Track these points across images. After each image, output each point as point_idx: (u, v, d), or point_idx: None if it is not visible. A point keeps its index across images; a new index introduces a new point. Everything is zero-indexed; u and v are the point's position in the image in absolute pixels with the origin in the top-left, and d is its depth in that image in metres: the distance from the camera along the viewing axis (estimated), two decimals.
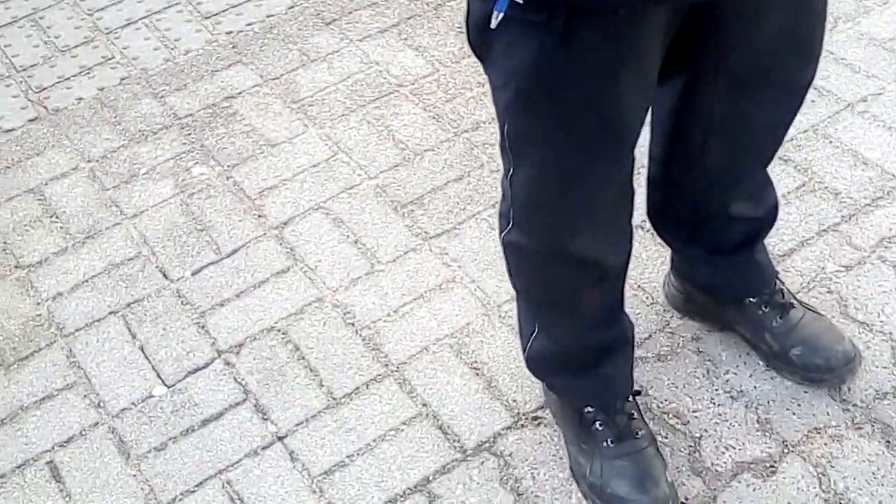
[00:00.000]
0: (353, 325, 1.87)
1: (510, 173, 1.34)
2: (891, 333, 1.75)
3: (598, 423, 1.54)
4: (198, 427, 1.73)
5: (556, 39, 1.15)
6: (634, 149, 1.34)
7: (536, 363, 1.59)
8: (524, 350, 1.58)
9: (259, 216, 2.11)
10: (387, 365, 1.80)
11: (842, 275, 1.86)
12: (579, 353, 1.53)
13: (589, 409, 1.54)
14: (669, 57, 1.28)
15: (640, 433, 1.54)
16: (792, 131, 1.60)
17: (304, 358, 1.82)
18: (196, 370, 1.83)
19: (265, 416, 1.74)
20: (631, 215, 1.43)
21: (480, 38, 1.23)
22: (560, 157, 1.27)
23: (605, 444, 1.53)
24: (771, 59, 1.34)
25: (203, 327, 1.90)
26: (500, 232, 1.45)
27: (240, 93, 2.44)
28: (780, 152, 1.58)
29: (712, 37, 1.30)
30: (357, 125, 2.32)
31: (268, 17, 2.70)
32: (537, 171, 1.30)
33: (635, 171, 1.38)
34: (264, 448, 1.69)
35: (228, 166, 2.24)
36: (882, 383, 1.67)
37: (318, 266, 1.99)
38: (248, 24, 2.68)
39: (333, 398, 1.75)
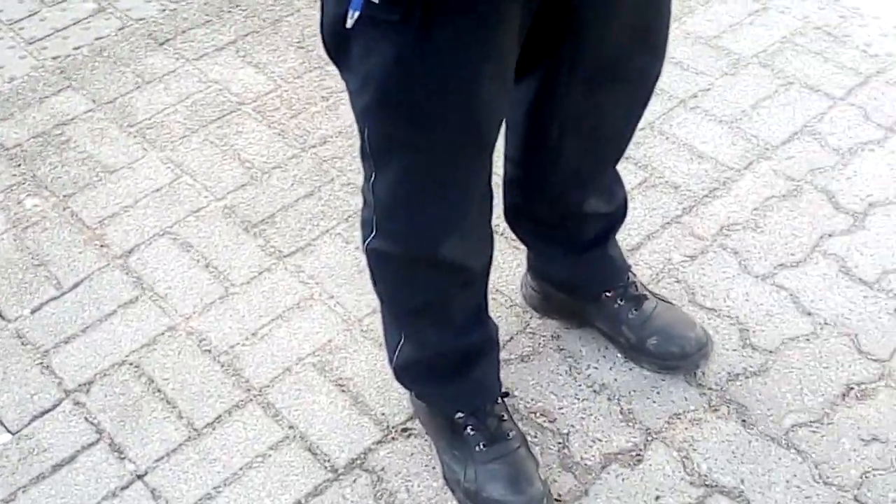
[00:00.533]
0: (209, 351, 1.81)
1: (372, 179, 1.31)
2: (737, 317, 1.82)
3: (469, 429, 1.54)
4: (49, 473, 1.63)
5: (412, 39, 1.14)
6: (493, 151, 1.35)
7: (405, 373, 1.57)
8: (391, 361, 1.56)
9: (101, 246, 2.02)
10: (248, 390, 1.75)
11: (687, 264, 1.92)
12: (447, 359, 1.52)
13: (460, 414, 1.54)
14: (524, 55, 1.30)
15: (511, 434, 1.55)
16: None
17: (159, 390, 1.75)
18: (42, 413, 1.72)
19: (122, 455, 1.66)
20: (491, 218, 1.44)
21: (336, 42, 1.21)
22: (422, 160, 1.26)
23: (477, 448, 1.53)
24: (622, 54, 1.37)
25: (47, 367, 1.80)
26: (364, 240, 1.42)
27: (72, 119, 2.34)
28: None
29: (566, 34, 1.32)
30: (199, 146, 2.25)
31: (97, 39, 2.60)
32: (399, 175, 1.28)
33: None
34: (123, 488, 1.61)
35: (64, 196, 2.14)
36: (733, 365, 1.74)
37: (168, 293, 1.92)
38: (76, 48, 2.58)
39: (194, 429, 1.69)
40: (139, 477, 1.62)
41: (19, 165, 2.22)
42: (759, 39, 2.46)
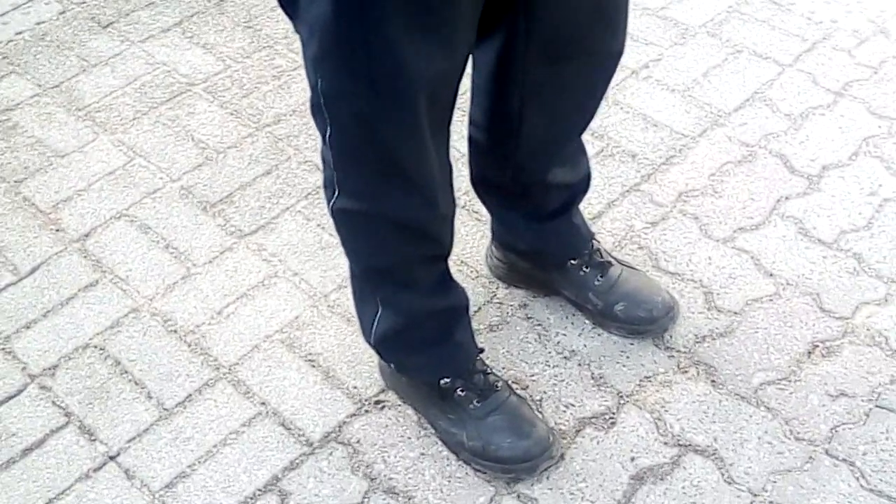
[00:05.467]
0: (175, 331, 1.78)
1: (328, 135, 1.29)
2: (701, 280, 1.84)
3: (459, 390, 1.54)
4: (19, 458, 1.60)
5: None
6: (448, 112, 1.33)
7: (385, 343, 1.56)
8: (370, 335, 1.55)
9: (57, 230, 1.98)
10: (218, 368, 1.72)
11: (649, 231, 1.94)
12: (425, 324, 1.52)
13: (446, 380, 1.54)
14: (488, 16, 1.29)
15: (499, 385, 1.57)
16: None
17: (127, 372, 1.72)
18: (8, 398, 1.68)
19: (93, 437, 1.63)
20: (449, 185, 1.43)
21: None
22: (367, 113, 1.24)
23: (471, 406, 1.54)
24: (580, 29, 1.37)
25: (10, 353, 1.76)
26: (328, 202, 1.40)
27: (18, 104, 2.28)
28: None
29: (520, 5, 1.32)
30: (151, 128, 2.21)
31: (38, 24, 2.54)
32: (351, 126, 1.27)
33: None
34: (96, 470, 1.58)
35: (15, 182, 2.09)
36: (700, 328, 1.76)
37: (129, 276, 1.89)
38: (18, 33, 2.51)
39: (165, 409, 1.66)
40: (112, 458, 1.59)
41: None
42: (706, 9, 2.49)
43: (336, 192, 1.37)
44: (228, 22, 2.52)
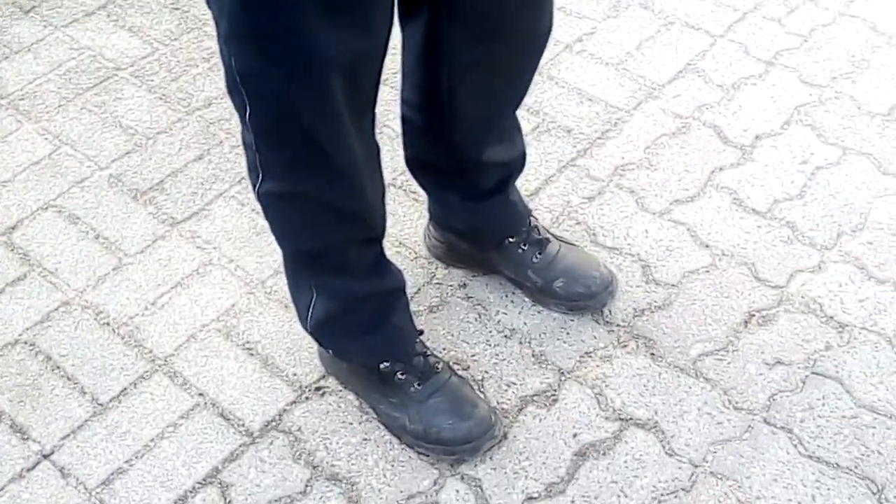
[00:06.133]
0: (108, 324, 1.75)
1: (246, 114, 1.25)
2: (638, 254, 1.85)
3: (398, 374, 1.53)
4: None
5: None
6: (371, 94, 1.31)
7: (322, 330, 1.54)
8: (307, 322, 1.53)
9: None
10: (153, 360, 1.69)
11: (586, 206, 1.94)
12: (361, 311, 1.50)
13: (385, 363, 1.53)
14: None
15: (439, 367, 1.56)
16: None
17: (59, 367, 1.68)
18: None
19: (25, 436, 1.58)
20: (376, 167, 1.41)
21: None
22: (282, 92, 1.21)
23: (412, 389, 1.53)
24: (504, 7, 1.35)
25: None
26: (254, 188, 1.37)
27: None
28: None
29: None
30: (77, 115, 2.15)
31: None
32: (268, 104, 1.23)
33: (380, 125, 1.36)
34: (30, 469, 1.54)
35: None
36: (638, 301, 1.77)
37: (58, 268, 1.84)
38: None
39: (99, 404, 1.63)
40: (45, 456, 1.56)
41: None
42: None
43: (260, 176, 1.34)
44: (155, 4, 2.46)
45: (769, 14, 2.36)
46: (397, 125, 1.62)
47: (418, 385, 1.54)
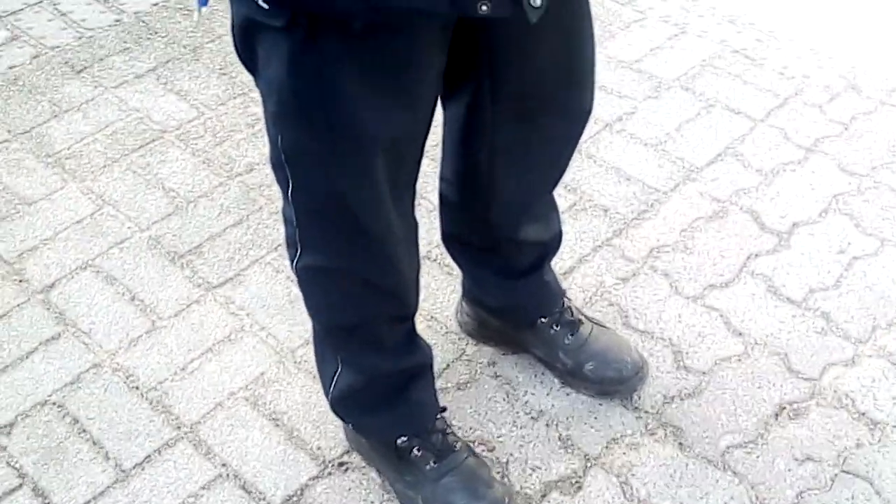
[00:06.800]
0: (137, 388, 1.76)
1: (289, 191, 1.28)
2: (670, 339, 1.83)
3: (415, 450, 1.52)
4: None
5: (300, 48, 1.12)
6: (413, 171, 1.33)
7: (343, 403, 1.54)
8: (328, 392, 1.53)
9: (20, 281, 1.95)
10: (179, 427, 1.70)
11: (619, 287, 1.93)
12: (384, 385, 1.50)
13: (403, 439, 1.52)
14: (454, 73, 1.28)
15: (457, 446, 1.55)
16: None
17: (85, 430, 1.69)
18: None
19: (46, 500, 1.59)
20: (413, 245, 1.42)
21: (243, 46, 1.20)
22: (327, 171, 1.23)
23: (427, 467, 1.52)
24: (547, 87, 1.36)
25: None
26: (291, 261, 1.39)
27: None
28: None
29: (486, 61, 1.31)
30: (122, 176, 2.20)
31: (10, 68, 2.53)
32: (311, 182, 1.26)
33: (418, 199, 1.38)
34: None
35: None
36: (668, 388, 1.75)
37: (92, 329, 1.86)
38: None
39: (122, 470, 1.63)
40: None
41: None
42: (680, 63, 2.51)
43: (299, 250, 1.35)
44: (203, 69, 2.51)
45: (810, 100, 2.35)
46: (434, 198, 1.63)
47: (434, 463, 1.52)
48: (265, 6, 1.09)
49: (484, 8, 1.04)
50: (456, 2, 1.05)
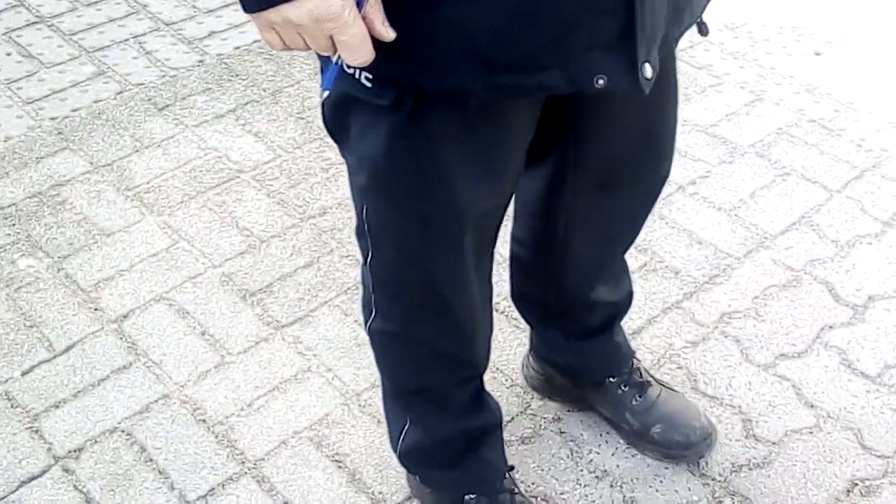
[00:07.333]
0: (204, 421, 1.77)
1: (369, 259, 1.31)
2: (740, 407, 1.80)
3: None
4: None
5: (402, 124, 1.13)
6: (493, 241, 1.34)
7: (411, 458, 1.54)
8: (396, 446, 1.53)
9: (95, 309, 1.99)
10: (243, 462, 1.70)
11: (689, 350, 1.91)
12: (454, 443, 1.50)
13: (470, 496, 1.51)
14: (537, 144, 1.30)
15: None
16: None
17: (151, 459, 1.70)
18: (30, 479, 1.67)
19: None
20: (488, 311, 1.43)
21: (336, 120, 1.21)
22: (412, 244, 1.25)
23: None
24: (629, 156, 1.38)
25: (37, 431, 1.75)
26: (365, 323, 1.42)
27: (69, 180, 2.32)
28: None
29: (572, 131, 1.33)
30: (198, 212, 2.23)
31: (95, 102, 2.59)
32: (394, 255, 1.28)
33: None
34: None
35: (59, 257, 2.11)
36: (737, 456, 1.72)
37: (163, 360, 1.88)
38: (74, 110, 2.56)
39: (186, 501, 1.64)
40: None
41: (14, 225, 2.19)
42: (756, 129, 2.50)
43: (373, 314, 1.38)
44: (282, 112, 2.56)
45: (888, 174, 2.33)
46: (503, 249, 1.63)
47: None
48: (368, 84, 1.10)
49: (601, 82, 1.05)
50: (574, 79, 1.05)
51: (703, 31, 1.24)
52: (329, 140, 2.42)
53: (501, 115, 1.17)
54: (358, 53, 1.00)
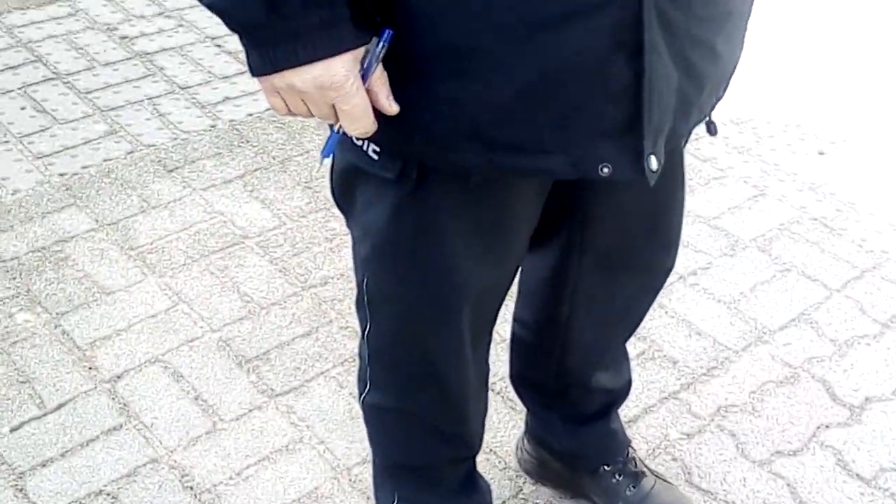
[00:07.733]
0: (191, 488, 1.75)
1: (367, 330, 1.31)
2: (733, 503, 1.78)
3: None
4: None
5: (407, 198, 1.14)
6: (492, 321, 1.34)
7: None
8: None
9: (89, 368, 1.98)
10: None
11: (684, 442, 1.90)
12: None
13: None
14: (543, 225, 1.30)
15: None
16: None
17: None
18: None
19: None
20: (484, 390, 1.43)
21: (343, 191, 1.22)
22: (410, 319, 1.26)
23: None
24: (634, 248, 1.39)
25: (21, 490, 1.72)
26: (359, 396, 1.42)
27: (72, 237, 2.32)
28: None
29: (579, 215, 1.34)
30: (199, 275, 2.24)
31: (105, 161, 2.61)
32: (391, 326, 1.28)
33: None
34: None
35: (57, 314, 2.10)
36: None
37: (154, 423, 1.87)
38: (84, 167, 2.58)
39: None
40: None
41: (14, 279, 2.19)
42: (758, 224, 2.51)
43: (368, 387, 1.37)
44: (289, 180, 2.58)
45: (888, 275, 2.34)
46: (503, 330, 1.63)
47: None
48: (375, 157, 1.12)
49: (606, 170, 1.05)
50: (578, 165, 1.06)
51: (711, 130, 1.26)
52: (335, 210, 2.45)
53: (505, 194, 1.18)
54: (359, 123, 1.01)
